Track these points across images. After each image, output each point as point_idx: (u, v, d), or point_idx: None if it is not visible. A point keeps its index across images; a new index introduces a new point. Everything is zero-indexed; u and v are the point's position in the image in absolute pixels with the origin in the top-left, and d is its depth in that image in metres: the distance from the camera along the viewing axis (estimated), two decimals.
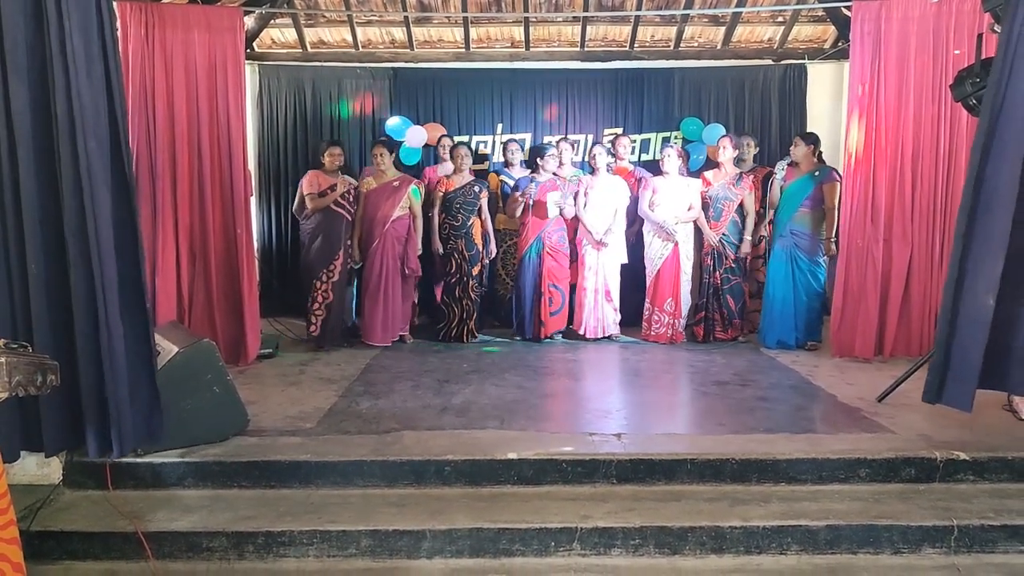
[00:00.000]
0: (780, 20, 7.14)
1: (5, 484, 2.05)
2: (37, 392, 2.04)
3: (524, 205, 5.78)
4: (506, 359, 5.37)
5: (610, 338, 5.97)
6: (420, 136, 7.00)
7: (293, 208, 6.14)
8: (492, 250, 6.16)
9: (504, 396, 4.33)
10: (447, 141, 6.52)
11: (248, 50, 6.50)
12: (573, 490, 3.25)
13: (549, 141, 6.85)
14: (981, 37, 3.56)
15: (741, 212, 5.88)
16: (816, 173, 5.56)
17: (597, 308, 5.94)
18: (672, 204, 5.80)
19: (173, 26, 4.77)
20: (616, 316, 5.98)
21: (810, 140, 5.66)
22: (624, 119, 7.21)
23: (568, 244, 5.97)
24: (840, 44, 6.80)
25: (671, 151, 5.91)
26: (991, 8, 3.40)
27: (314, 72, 7.21)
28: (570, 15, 7.00)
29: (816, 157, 5.65)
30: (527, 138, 7.19)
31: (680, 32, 7.15)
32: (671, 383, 4.92)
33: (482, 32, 7.28)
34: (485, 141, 7.24)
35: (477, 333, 6.05)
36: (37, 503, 3.07)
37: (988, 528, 3.00)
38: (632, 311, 6.10)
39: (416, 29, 7.16)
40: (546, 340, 5.92)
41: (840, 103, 6.81)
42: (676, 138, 7.10)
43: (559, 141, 6.46)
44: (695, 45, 7.37)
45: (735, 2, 6.88)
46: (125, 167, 3.10)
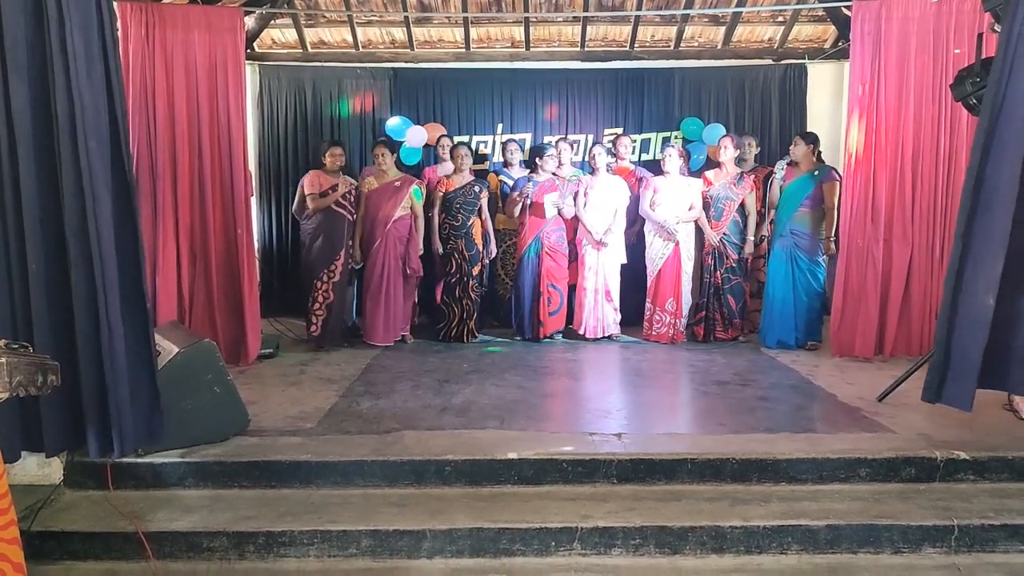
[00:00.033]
0: (780, 20, 7.14)
1: (6, 484, 2.05)
2: (38, 392, 2.04)
3: (522, 205, 5.78)
4: (506, 359, 5.37)
5: (610, 338, 5.97)
6: (420, 136, 7.00)
7: (293, 208, 6.12)
8: (492, 250, 6.16)
9: (504, 396, 4.33)
10: (447, 141, 6.51)
11: (248, 50, 6.50)
12: (573, 490, 3.25)
13: (549, 141, 6.85)
14: (981, 37, 3.56)
15: (742, 212, 5.88)
16: (816, 172, 5.56)
17: (597, 308, 5.94)
18: (673, 204, 5.80)
19: (173, 26, 4.77)
20: (616, 316, 5.98)
21: (810, 140, 5.66)
22: (624, 119, 7.21)
23: (567, 244, 5.97)
24: (840, 44, 6.80)
25: (672, 151, 5.91)
26: (991, 8, 3.41)
27: (314, 72, 7.22)
28: (570, 15, 7.00)
29: (816, 157, 5.66)
30: (527, 138, 7.19)
31: (680, 32, 7.16)
32: (671, 383, 4.92)
33: (482, 32, 7.28)
34: (485, 141, 7.24)
35: (477, 333, 6.05)
36: (38, 503, 3.07)
37: (988, 528, 3.00)
38: (632, 311, 6.11)
39: (416, 29, 7.16)
40: (546, 340, 5.92)
41: (840, 103, 6.81)
42: (676, 138, 7.09)
43: (558, 141, 6.46)
44: (695, 45, 7.38)
45: (735, 2, 6.88)
46: (125, 167, 3.11)
